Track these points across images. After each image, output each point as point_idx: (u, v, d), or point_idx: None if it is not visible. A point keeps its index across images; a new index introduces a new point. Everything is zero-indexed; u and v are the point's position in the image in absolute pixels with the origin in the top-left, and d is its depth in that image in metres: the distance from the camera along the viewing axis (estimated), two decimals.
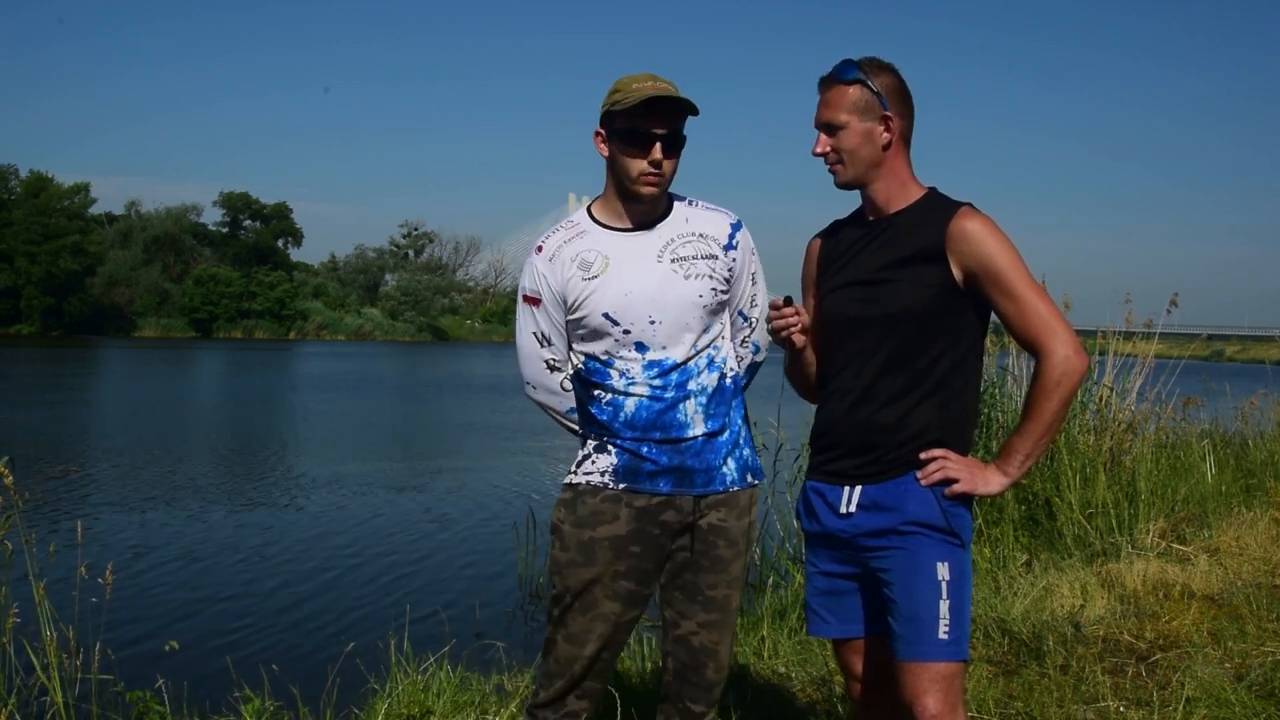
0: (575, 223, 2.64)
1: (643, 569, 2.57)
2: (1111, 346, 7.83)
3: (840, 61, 2.42)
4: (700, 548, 2.59)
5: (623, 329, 2.54)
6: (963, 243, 2.34)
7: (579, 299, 2.56)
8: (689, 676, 2.63)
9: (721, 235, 2.65)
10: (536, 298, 2.61)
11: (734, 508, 2.62)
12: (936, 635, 2.30)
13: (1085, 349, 2.38)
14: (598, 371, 2.58)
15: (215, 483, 13.07)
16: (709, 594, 2.60)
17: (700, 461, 2.56)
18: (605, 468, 2.57)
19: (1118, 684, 3.96)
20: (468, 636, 5.44)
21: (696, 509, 2.57)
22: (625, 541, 2.54)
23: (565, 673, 2.58)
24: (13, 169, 66.95)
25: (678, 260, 2.57)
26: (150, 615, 6.99)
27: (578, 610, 2.56)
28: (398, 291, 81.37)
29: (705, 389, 2.58)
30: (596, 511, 2.55)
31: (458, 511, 11.37)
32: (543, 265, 2.60)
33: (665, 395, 2.54)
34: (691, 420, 2.55)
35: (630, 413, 2.54)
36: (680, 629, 2.62)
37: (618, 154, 2.52)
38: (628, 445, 2.55)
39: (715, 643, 2.62)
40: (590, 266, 2.55)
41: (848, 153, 2.41)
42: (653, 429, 2.54)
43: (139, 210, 78.62)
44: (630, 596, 2.57)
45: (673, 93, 2.48)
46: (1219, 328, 65.22)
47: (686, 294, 2.55)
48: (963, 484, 2.36)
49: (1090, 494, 6.32)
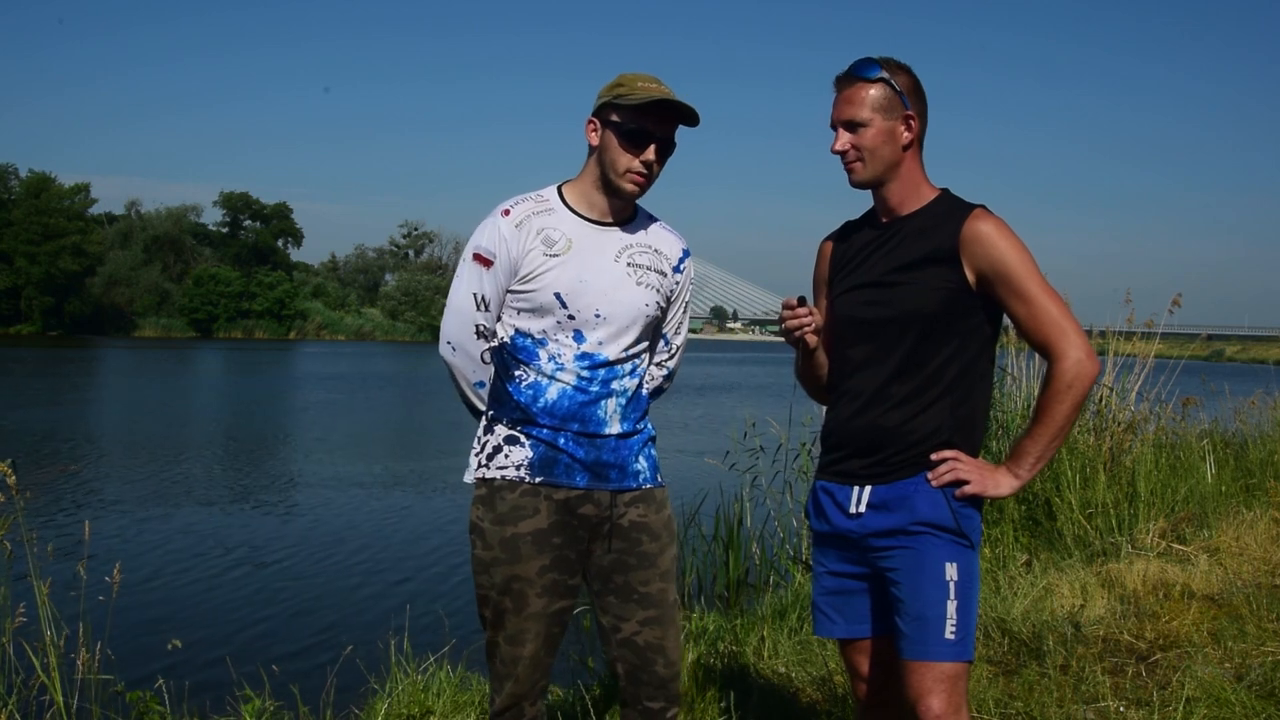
0: (545, 198, 2.61)
1: (565, 559, 2.56)
2: (1111, 346, 7.84)
3: (860, 59, 2.41)
4: (624, 546, 2.58)
5: (568, 313, 2.53)
6: (975, 245, 2.33)
7: (534, 272, 2.53)
8: (641, 677, 2.61)
9: (673, 256, 2.67)
10: (490, 259, 2.55)
11: (651, 503, 2.62)
12: (943, 635, 2.30)
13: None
14: (527, 350, 2.56)
15: (215, 483, 13.06)
16: (643, 591, 2.59)
17: (615, 457, 2.57)
18: (520, 461, 2.54)
19: (1118, 684, 3.96)
20: (468, 636, 5.43)
21: (614, 504, 2.57)
22: (547, 534, 2.53)
23: (511, 674, 2.57)
24: (13, 169, 67.05)
25: (633, 265, 2.58)
26: (150, 615, 6.99)
27: (511, 611, 2.55)
28: (398, 291, 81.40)
29: (626, 391, 2.59)
30: (516, 507, 2.52)
31: (458, 511, 11.36)
32: (507, 229, 2.55)
33: (590, 389, 2.54)
34: (609, 418, 2.56)
35: (551, 399, 2.53)
36: (622, 632, 2.61)
37: (611, 146, 2.51)
38: (544, 436, 2.53)
39: (660, 638, 2.60)
40: (554, 244, 2.54)
41: (869, 151, 2.40)
42: (571, 420, 2.53)
43: (139, 210, 78.73)
44: (557, 588, 2.56)
45: (680, 100, 2.48)
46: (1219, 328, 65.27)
47: (635, 299, 2.57)
48: (973, 486, 2.35)
49: (1090, 494, 6.32)
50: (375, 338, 76.25)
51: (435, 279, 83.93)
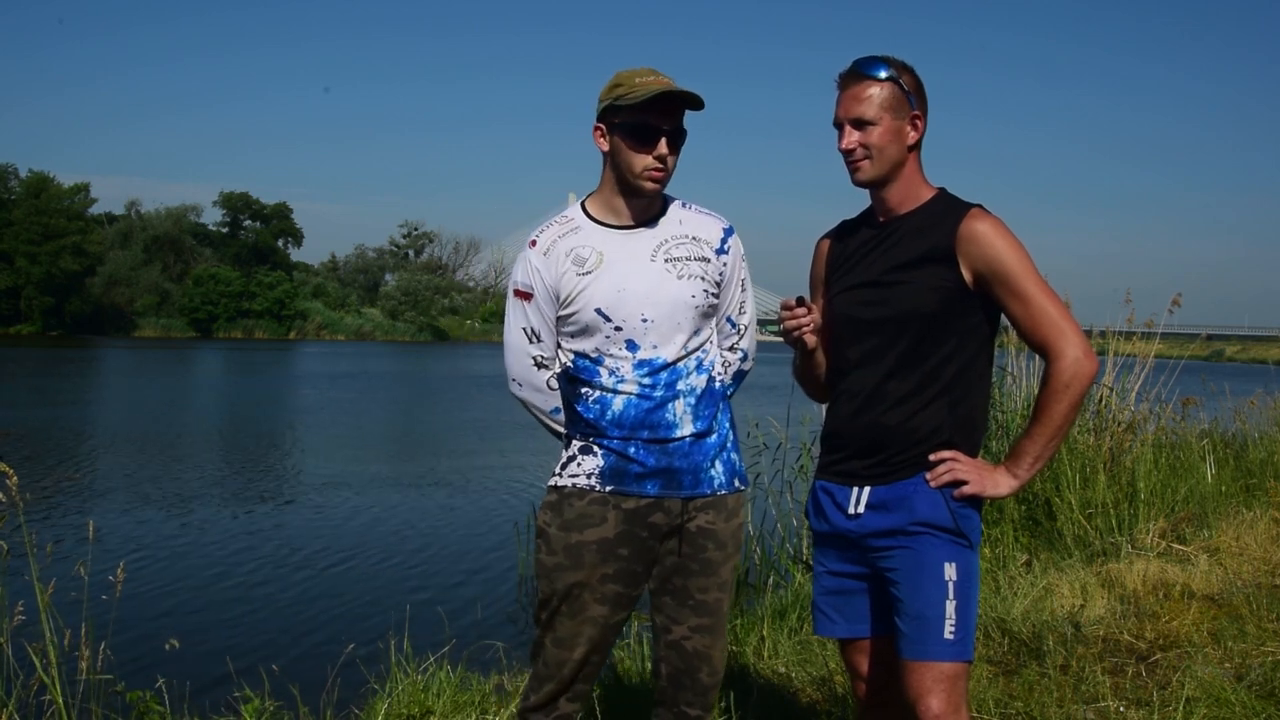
0: (570, 218, 2.61)
1: (630, 571, 2.55)
2: (1111, 346, 7.84)
3: (866, 57, 2.40)
4: (689, 551, 2.57)
5: (614, 325, 2.52)
6: (972, 244, 2.33)
7: (572, 294, 2.53)
8: (683, 681, 2.61)
9: (714, 239, 2.63)
10: (529, 292, 2.57)
11: (722, 510, 2.60)
12: (942, 635, 2.31)
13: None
14: (587, 369, 2.56)
15: (214, 483, 13.06)
16: (700, 598, 2.58)
17: (688, 462, 2.54)
18: (591, 470, 2.54)
19: (1118, 684, 3.96)
20: (468, 636, 5.44)
21: (685, 511, 2.55)
22: (613, 544, 2.52)
23: (555, 676, 2.57)
24: (13, 169, 67.00)
25: (671, 260, 2.55)
26: (150, 615, 6.99)
27: (565, 615, 2.54)
28: (398, 291, 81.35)
29: (694, 390, 2.56)
30: (584, 514, 2.52)
31: (458, 511, 11.37)
32: (537, 260, 2.56)
33: (654, 394, 2.52)
34: (680, 420, 2.53)
35: (618, 411, 2.52)
36: (672, 634, 2.60)
37: (622, 149, 2.49)
38: (614, 446, 2.52)
39: (708, 647, 2.60)
40: (585, 262, 2.53)
41: (877, 149, 2.39)
42: (641, 428, 2.51)
43: (139, 210, 78.67)
44: (617, 599, 2.55)
45: (680, 88, 2.46)
46: (1219, 328, 65.17)
47: (679, 294, 2.54)
48: (972, 486, 2.35)
49: (1090, 494, 6.32)
50: (375, 338, 76.23)
51: (435, 279, 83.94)
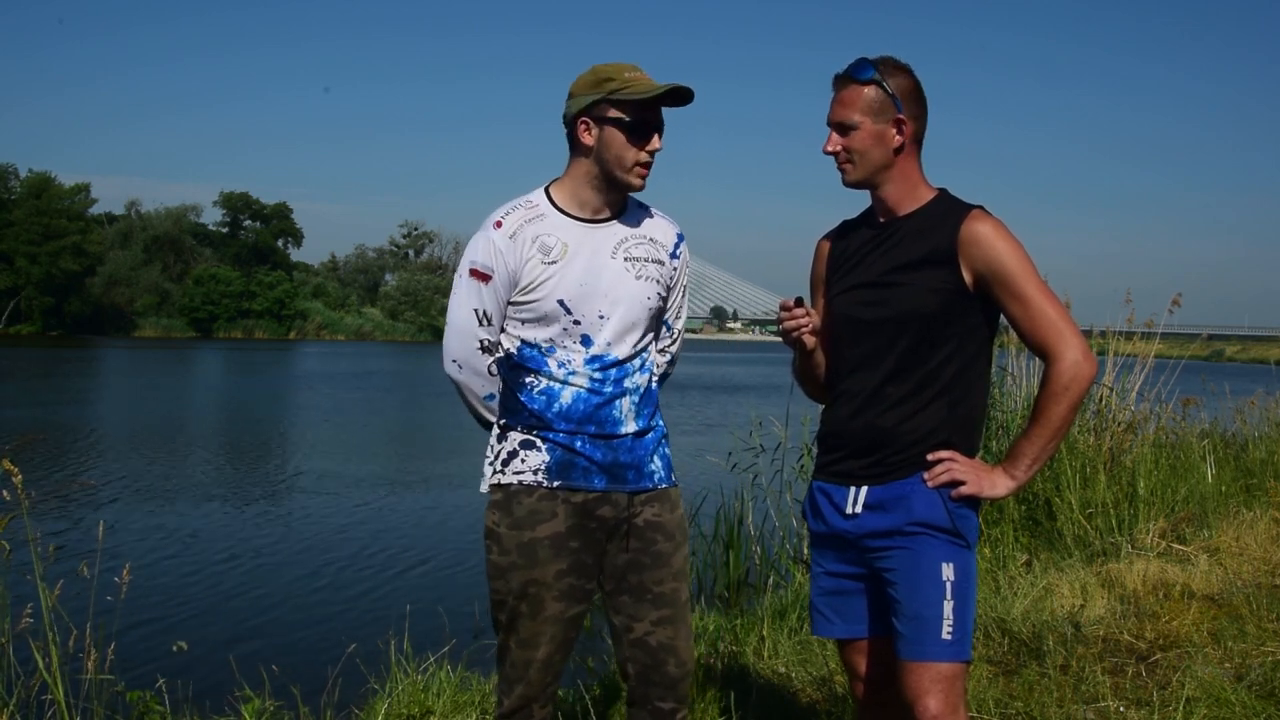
0: (534, 203, 2.57)
1: (583, 564, 2.55)
2: (1111, 346, 7.84)
3: (856, 60, 2.40)
4: (639, 545, 2.58)
5: (573, 319, 2.52)
6: (973, 246, 2.33)
7: (534, 282, 2.51)
8: (652, 677, 2.60)
9: (669, 243, 2.65)
10: (488, 274, 2.52)
11: (666, 503, 2.62)
12: (939, 635, 2.30)
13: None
14: (534, 359, 2.55)
15: (214, 483, 13.07)
16: (657, 590, 2.59)
17: (631, 457, 2.56)
18: (537, 465, 2.52)
19: (1118, 684, 3.96)
20: (468, 636, 5.43)
21: (630, 505, 2.57)
22: (565, 538, 2.52)
23: (523, 677, 2.56)
24: (13, 169, 67.02)
25: (630, 259, 2.57)
26: (150, 615, 6.99)
27: (526, 615, 2.53)
28: (398, 291, 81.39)
29: (639, 388, 2.58)
30: (534, 511, 2.51)
31: (458, 511, 11.36)
32: (501, 242, 2.52)
33: (604, 390, 2.53)
34: (624, 417, 2.55)
35: (566, 404, 2.52)
36: (634, 632, 2.60)
37: (615, 143, 2.48)
38: (560, 440, 2.51)
39: (672, 638, 2.59)
40: (550, 251, 2.52)
41: (858, 153, 2.40)
42: (588, 423, 2.52)
43: (139, 210, 78.71)
44: (574, 593, 2.55)
45: (678, 85, 2.47)
46: (1219, 328, 65.12)
47: (636, 293, 2.56)
48: (969, 486, 2.35)
49: (1090, 494, 6.32)
50: (375, 338, 76.25)
51: (435, 279, 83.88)
